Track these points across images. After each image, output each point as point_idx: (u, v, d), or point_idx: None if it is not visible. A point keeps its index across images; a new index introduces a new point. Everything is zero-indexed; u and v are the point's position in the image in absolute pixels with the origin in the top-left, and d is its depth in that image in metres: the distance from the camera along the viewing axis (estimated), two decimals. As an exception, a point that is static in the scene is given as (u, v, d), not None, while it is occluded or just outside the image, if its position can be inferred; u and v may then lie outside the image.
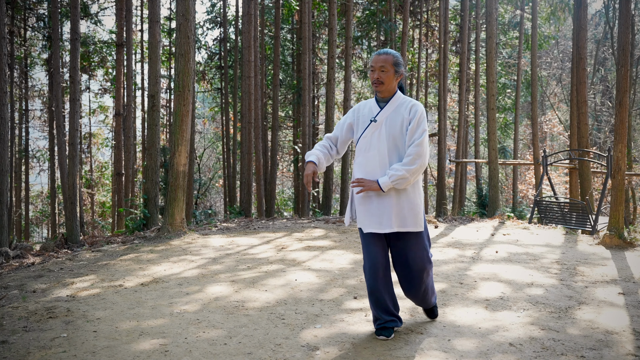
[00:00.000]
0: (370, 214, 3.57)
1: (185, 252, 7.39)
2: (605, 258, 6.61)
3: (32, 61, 21.81)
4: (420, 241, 3.62)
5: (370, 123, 3.59)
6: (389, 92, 3.59)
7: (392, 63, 3.51)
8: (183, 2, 9.07)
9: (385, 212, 3.52)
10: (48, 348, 3.66)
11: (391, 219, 3.51)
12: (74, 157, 10.95)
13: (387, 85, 3.53)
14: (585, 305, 4.52)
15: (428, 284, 3.75)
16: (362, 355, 3.42)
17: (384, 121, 3.57)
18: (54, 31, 11.53)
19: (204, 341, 3.74)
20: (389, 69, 3.50)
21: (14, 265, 7.49)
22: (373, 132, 3.58)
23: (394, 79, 3.55)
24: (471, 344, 3.62)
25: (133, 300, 4.87)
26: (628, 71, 7.65)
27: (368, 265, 3.62)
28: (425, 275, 3.67)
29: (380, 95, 3.61)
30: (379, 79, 3.51)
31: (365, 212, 3.61)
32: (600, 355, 3.41)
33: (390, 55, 3.52)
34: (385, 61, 3.49)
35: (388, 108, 3.59)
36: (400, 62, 3.55)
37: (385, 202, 3.53)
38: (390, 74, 3.51)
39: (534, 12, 16.20)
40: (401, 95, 3.65)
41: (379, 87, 3.53)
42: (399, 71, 3.55)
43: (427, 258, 3.66)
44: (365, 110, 3.69)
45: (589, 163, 12.06)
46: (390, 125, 3.55)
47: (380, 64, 3.49)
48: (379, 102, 3.64)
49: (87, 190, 26.26)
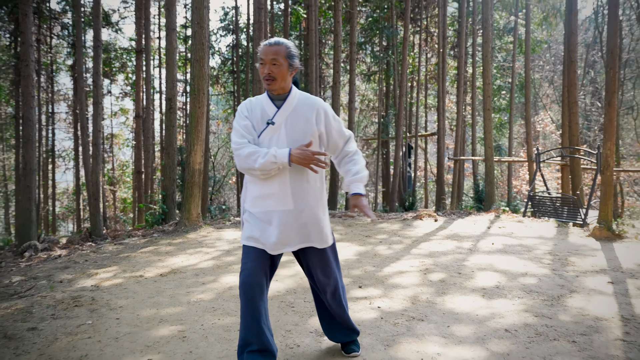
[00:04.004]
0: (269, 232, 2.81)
1: (201, 245, 7.42)
2: (595, 249, 6.59)
3: (57, 67, 21.88)
4: (326, 261, 2.95)
5: (267, 126, 2.79)
6: (283, 89, 2.81)
7: (285, 55, 2.75)
8: (198, 11, 9.08)
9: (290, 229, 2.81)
10: (74, 334, 3.68)
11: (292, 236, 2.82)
12: (97, 156, 11.00)
13: (280, 81, 2.76)
14: (576, 294, 4.50)
15: (344, 305, 3.09)
16: (366, 341, 3.42)
17: (283, 123, 2.79)
18: (78, 39, 11.57)
19: (219, 327, 3.75)
20: (281, 62, 2.74)
21: (42, 257, 7.54)
22: (271, 136, 2.77)
23: (288, 74, 2.78)
24: (469, 330, 3.62)
25: (153, 290, 4.89)
26: (616, 73, 7.60)
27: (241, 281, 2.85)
28: (337, 296, 3.04)
29: (273, 93, 2.82)
30: (271, 74, 2.74)
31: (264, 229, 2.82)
32: (590, 341, 3.40)
33: (283, 46, 2.76)
34: (277, 53, 2.73)
35: (286, 108, 2.80)
36: (294, 54, 2.80)
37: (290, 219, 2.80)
38: (283, 68, 2.75)
39: (528, 18, 16.10)
40: (298, 91, 2.88)
41: (271, 84, 2.76)
42: (293, 64, 2.80)
43: (338, 278, 3.02)
44: (257, 110, 2.84)
45: (580, 160, 12.00)
46: (291, 129, 2.78)
47: (271, 57, 2.73)
48: (274, 101, 2.84)
49: (110, 187, 26.37)
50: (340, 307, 3.06)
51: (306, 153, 2.66)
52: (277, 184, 2.75)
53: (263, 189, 2.78)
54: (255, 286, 2.76)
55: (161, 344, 3.45)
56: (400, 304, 4.25)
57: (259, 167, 2.66)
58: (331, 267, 2.96)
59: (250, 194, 2.83)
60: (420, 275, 5.26)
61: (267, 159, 2.65)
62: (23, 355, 3.31)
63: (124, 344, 3.48)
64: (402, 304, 4.27)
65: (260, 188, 2.79)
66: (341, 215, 10.81)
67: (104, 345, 3.46)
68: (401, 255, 6.39)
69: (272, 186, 2.76)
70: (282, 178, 2.75)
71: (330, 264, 2.95)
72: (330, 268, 2.96)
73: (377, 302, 4.31)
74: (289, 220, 2.76)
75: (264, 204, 2.78)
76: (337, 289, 3.02)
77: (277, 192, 2.75)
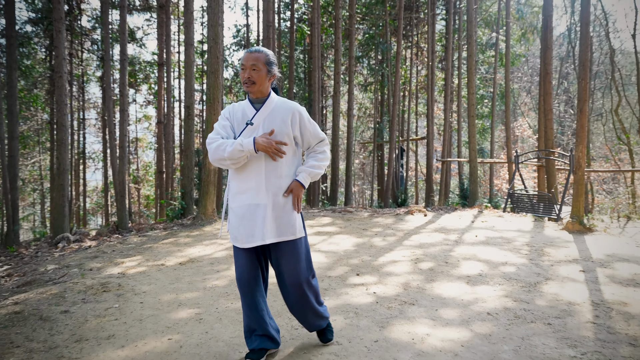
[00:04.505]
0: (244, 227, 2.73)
1: (216, 237, 7.42)
2: (568, 241, 6.57)
3: (87, 78, 21.89)
4: (295, 252, 2.76)
5: (246, 126, 2.73)
6: (262, 93, 2.76)
7: (264, 62, 2.72)
8: (213, 29, 9.07)
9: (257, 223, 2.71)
10: (102, 316, 3.69)
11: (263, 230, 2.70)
12: (123, 158, 11.00)
13: (259, 85, 2.72)
14: (551, 281, 4.49)
15: (309, 302, 2.84)
16: (363, 323, 3.42)
17: (261, 124, 2.73)
18: (106, 53, 11.57)
19: (231, 310, 3.75)
20: (260, 67, 2.70)
21: (74, 247, 7.54)
22: (250, 135, 2.70)
23: (266, 79, 2.74)
24: (455, 313, 3.61)
25: (173, 277, 4.90)
26: (587, 84, 7.58)
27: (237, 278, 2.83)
28: (303, 290, 2.79)
29: (252, 96, 2.77)
30: (250, 78, 2.70)
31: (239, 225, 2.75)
32: (564, 323, 3.39)
33: (263, 54, 2.72)
34: (256, 59, 2.70)
35: (264, 110, 2.74)
36: (272, 62, 2.77)
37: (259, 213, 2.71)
38: (262, 74, 2.71)
39: (507, 34, 16.05)
40: (276, 96, 2.83)
41: (250, 88, 2.71)
42: (271, 71, 2.76)
43: (304, 271, 2.78)
44: (239, 113, 2.80)
45: (554, 161, 11.96)
46: (268, 129, 2.72)
47: (251, 63, 2.69)
48: (254, 104, 2.79)
49: (134, 185, 26.38)
50: (304, 303, 2.81)
51: (269, 141, 2.62)
52: (253, 180, 2.70)
53: (241, 184, 2.73)
54: (250, 280, 2.76)
55: (180, 325, 3.45)
56: (393, 290, 4.25)
57: (228, 155, 2.60)
58: (300, 259, 2.76)
59: (231, 190, 2.79)
60: (411, 264, 5.25)
61: (234, 147, 2.60)
62: (57, 335, 3.32)
63: (147, 325, 3.48)
64: (395, 289, 4.26)
65: (239, 184, 2.74)
66: (341, 210, 10.81)
67: (129, 326, 3.47)
68: (394, 246, 6.38)
69: (249, 182, 2.70)
70: (258, 174, 2.70)
71: (299, 256, 2.76)
72: (299, 261, 2.75)
73: (372, 288, 4.31)
74: (263, 214, 2.68)
75: (242, 198, 2.73)
76: (302, 285, 2.76)
77: (253, 187, 2.70)
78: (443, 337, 3.14)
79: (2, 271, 6.10)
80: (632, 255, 5.60)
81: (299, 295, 2.78)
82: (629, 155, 19.73)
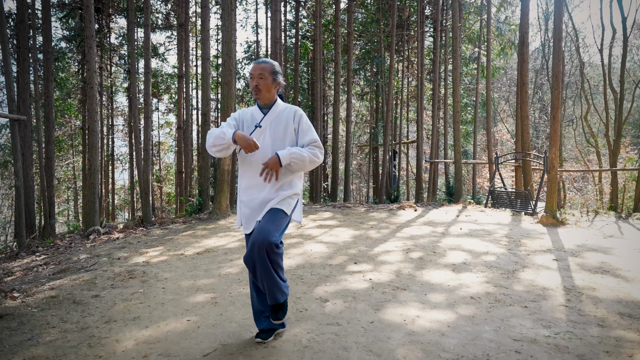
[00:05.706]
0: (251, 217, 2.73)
1: (229, 230, 7.42)
2: (543, 233, 6.55)
3: (116, 89, 21.88)
4: (273, 217, 2.62)
5: (255, 128, 2.73)
6: (269, 99, 2.76)
7: (270, 71, 2.71)
8: (227, 45, 9.06)
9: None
10: (129, 300, 3.69)
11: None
12: (147, 159, 11.00)
13: (265, 92, 2.72)
14: (527, 269, 4.48)
15: (270, 268, 2.55)
16: (360, 306, 3.41)
17: (268, 126, 2.73)
18: (132, 67, 11.56)
19: (243, 295, 3.75)
20: (267, 76, 2.70)
21: (103, 239, 7.55)
22: (258, 137, 2.71)
23: (272, 87, 2.74)
24: (442, 297, 3.60)
25: (191, 265, 4.89)
26: (559, 93, 7.56)
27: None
28: (264, 252, 2.50)
29: (260, 102, 2.78)
30: (258, 86, 2.70)
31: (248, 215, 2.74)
32: (539, 306, 3.38)
33: (269, 64, 2.73)
34: (263, 69, 2.70)
35: (271, 114, 2.74)
36: (277, 71, 2.77)
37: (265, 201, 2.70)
38: (268, 82, 2.70)
39: (488, 49, 16.01)
40: (282, 102, 2.83)
41: (258, 94, 2.72)
42: (277, 79, 2.75)
43: (273, 235, 2.53)
44: (248, 116, 2.80)
45: (530, 162, 11.92)
46: (274, 130, 2.72)
47: (258, 72, 2.70)
48: (262, 109, 2.79)
49: (157, 184, 26.39)
50: (265, 266, 2.53)
51: (246, 138, 2.54)
52: (258, 177, 2.70)
53: (249, 181, 2.74)
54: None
55: (198, 308, 3.45)
56: (387, 277, 4.24)
57: (212, 140, 2.62)
58: (273, 222, 2.58)
59: (240, 186, 2.79)
60: (403, 254, 5.24)
61: (217, 135, 2.61)
62: (88, 317, 3.32)
63: (169, 308, 3.48)
64: (388, 276, 4.26)
65: (247, 180, 2.75)
66: (340, 206, 10.79)
67: (152, 309, 3.47)
68: (388, 237, 6.37)
69: (255, 178, 2.71)
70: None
71: (275, 221, 2.59)
72: (272, 222, 2.58)
73: (368, 275, 4.30)
74: (263, 204, 2.69)
75: (249, 192, 2.74)
76: (264, 244, 2.48)
77: (260, 183, 2.71)
78: (431, 319, 3.13)
79: (40, 260, 6.11)
80: (599, 246, 5.58)
81: (262, 257, 2.50)
82: (597, 157, 19.68)
